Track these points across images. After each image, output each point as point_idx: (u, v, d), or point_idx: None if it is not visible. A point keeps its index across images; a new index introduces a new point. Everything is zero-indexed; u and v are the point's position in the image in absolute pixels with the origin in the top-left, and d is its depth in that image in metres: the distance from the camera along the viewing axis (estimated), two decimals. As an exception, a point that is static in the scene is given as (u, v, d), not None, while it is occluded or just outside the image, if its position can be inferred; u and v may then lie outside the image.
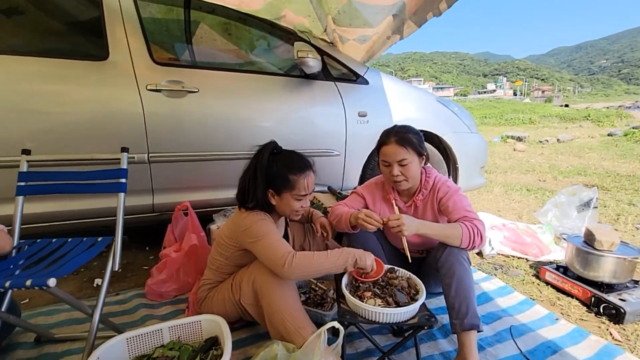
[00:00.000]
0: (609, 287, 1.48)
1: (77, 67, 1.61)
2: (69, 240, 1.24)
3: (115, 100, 1.64)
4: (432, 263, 1.29)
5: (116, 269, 1.18)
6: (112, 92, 1.64)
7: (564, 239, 1.69)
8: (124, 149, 1.30)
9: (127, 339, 1.05)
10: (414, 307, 1.02)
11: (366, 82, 2.14)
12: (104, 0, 1.64)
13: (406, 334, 1.18)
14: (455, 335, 1.14)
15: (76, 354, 1.20)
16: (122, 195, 1.25)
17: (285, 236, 1.40)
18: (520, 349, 1.21)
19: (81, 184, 1.27)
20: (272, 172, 1.16)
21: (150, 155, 1.71)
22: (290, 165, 1.17)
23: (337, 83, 2.07)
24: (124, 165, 1.28)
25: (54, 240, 1.24)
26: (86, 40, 1.76)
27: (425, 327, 1.03)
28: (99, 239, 1.23)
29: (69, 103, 1.58)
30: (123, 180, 1.26)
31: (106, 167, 1.30)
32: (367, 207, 1.49)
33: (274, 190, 1.18)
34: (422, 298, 1.06)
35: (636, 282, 1.53)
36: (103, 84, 1.63)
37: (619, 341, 1.27)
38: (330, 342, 1.01)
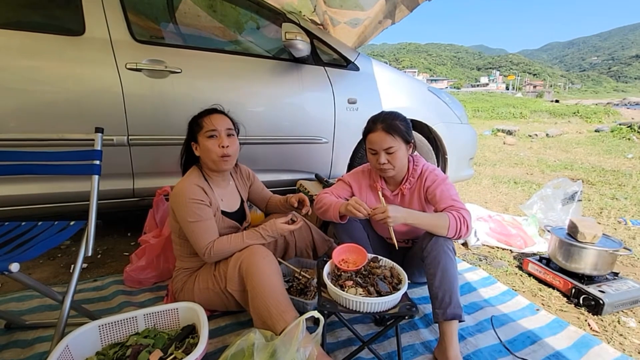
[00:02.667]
0: (590, 279, 1.50)
1: (51, 41, 1.51)
2: (39, 223, 1.18)
3: (92, 78, 1.55)
4: (417, 253, 1.28)
5: (89, 255, 1.13)
6: (89, 70, 1.55)
7: (548, 230, 1.70)
8: (98, 129, 1.23)
9: (99, 326, 1.02)
10: (395, 296, 1.00)
11: (357, 69, 2.09)
12: (79, -30, 1.54)
13: (387, 324, 1.17)
14: (437, 325, 1.14)
15: (47, 341, 1.16)
16: (95, 177, 1.19)
17: (241, 210, 1.40)
18: (500, 339, 1.21)
19: (52, 165, 1.20)
20: (190, 126, 1.26)
21: (130, 137, 1.64)
22: (200, 114, 1.26)
23: (326, 68, 2.01)
24: (98, 147, 1.22)
25: (23, 223, 1.18)
26: (60, 13, 1.66)
27: (406, 317, 1.02)
28: (71, 222, 1.18)
29: (42, 80, 1.49)
30: (97, 162, 1.20)
31: (81, 148, 1.24)
32: (353, 195, 1.47)
33: (194, 141, 1.25)
34: (404, 288, 1.05)
35: (616, 274, 1.56)
36: (79, 60, 1.53)
37: (597, 332, 1.29)
38: (312, 330, 1.00)
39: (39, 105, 1.48)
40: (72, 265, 1.70)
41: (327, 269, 1.14)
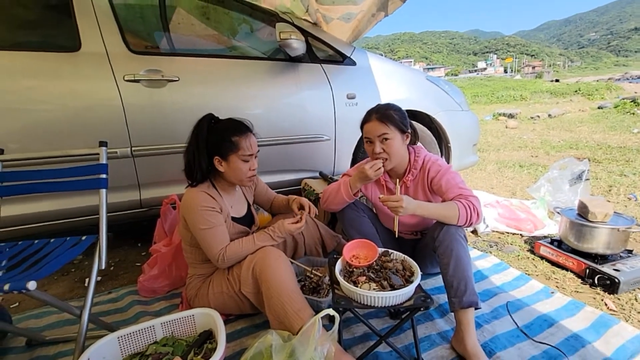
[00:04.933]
0: (603, 258, 1.49)
1: (48, 59, 1.52)
2: (52, 240, 1.19)
3: (91, 93, 1.56)
4: (428, 243, 1.28)
5: (102, 268, 1.14)
6: (88, 85, 1.56)
7: (558, 212, 1.68)
8: (102, 143, 1.24)
9: (118, 337, 1.03)
10: (409, 289, 1.00)
11: (353, 63, 2.08)
12: (72, -14, 1.54)
13: (402, 316, 1.17)
14: (453, 314, 1.14)
15: (69, 356, 1.17)
16: (103, 191, 1.20)
17: (249, 214, 1.40)
18: (517, 324, 1.21)
19: (59, 182, 1.21)
20: (215, 139, 1.20)
21: (133, 148, 1.65)
22: (231, 129, 1.21)
23: (323, 65, 2.00)
24: (104, 160, 1.23)
25: (36, 241, 1.20)
26: (55, 31, 1.66)
27: (422, 309, 1.02)
28: (83, 237, 1.19)
29: (42, 99, 1.50)
30: (103, 175, 1.21)
31: (87, 163, 1.25)
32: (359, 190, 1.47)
33: (220, 156, 1.21)
34: (417, 280, 1.04)
35: (630, 251, 1.54)
36: (77, 76, 1.55)
37: (614, 311, 1.28)
38: (328, 328, 1.00)
39: (41, 124, 1.50)
40: (87, 279, 1.72)
41: (338, 266, 1.14)
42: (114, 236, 2.31)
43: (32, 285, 0.86)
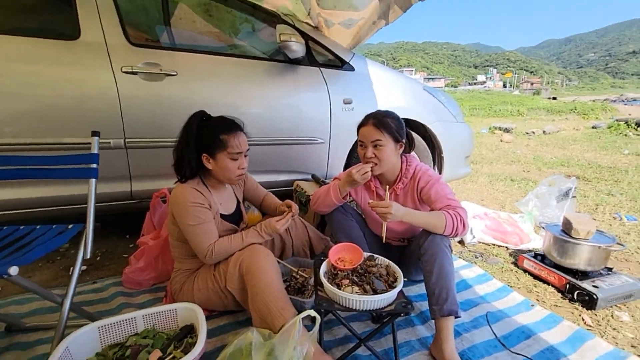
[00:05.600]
0: (584, 275, 1.52)
1: (47, 46, 1.52)
2: (38, 227, 1.19)
3: (88, 82, 1.56)
4: (414, 250, 1.30)
5: (87, 257, 1.14)
6: (85, 74, 1.56)
7: (543, 227, 1.71)
8: (95, 133, 1.25)
9: (99, 327, 1.03)
10: (391, 294, 1.02)
11: (352, 69, 2.10)
12: (73, -25, 1.55)
13: (384, 321, 1.19)
14: (433, 321, 1.15)
15: (48, 343, 1.17)
16: (93, 181, 1.20)
17: (238, 212, 1.41)
18: (495, 334, 1.23)
19: (49, 169, 1.21)
20: (204, 136, 1.19)
21: (126, 140, 1.65)
22: (220, 126, 1.21)
23: (322, 69, 2.03)
24: (95, 150, 1.23)
25: (21, 227, 1.19)
26: (55, 18, 1.66)
27: (402, 314, 1.03)
28: (70, 226, 1.19)
29: (39, 84, 1.50)
30: (94, 165, 1.21)
31: (79, 152, 1.25)
32: (349, 194, 1.48)
33: (208, 154, 1.20)
34: (399, 285, 1.06)
35: (610, 269, 1.57)
36: (74, 64, 1.55)
37: (590, 326, 1.31)
38: (310, 329, 1.01)
39: (36, 110, 1.49)
40: (72, 268, 1.72)
41: (323, 268, 1.16)
42: (103, 226, 2.27)
43: (13, 270, 0.86)
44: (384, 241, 1.25)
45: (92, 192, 1.20)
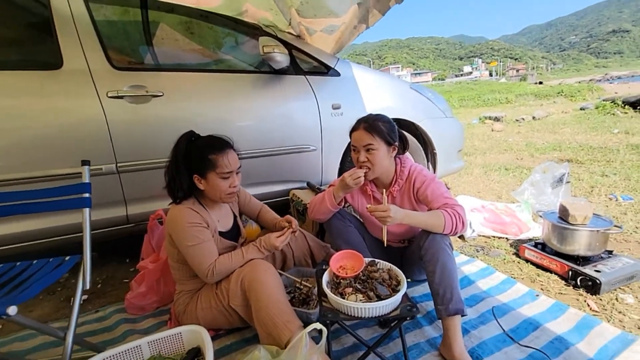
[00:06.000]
0: (585, 260, 1.53)
1: (30, 78, 1.51)
2: (34, 262, 1.17)
3: (75, 110, 1.56)
4: (415, 251, 1.30)
5: (87, 288, 1.13)
6: (71, 102, 1.55)
7: (540, 216, 1.72)
8: (85, 162, 1.24)
9: (104, 359, 1.01)
10: (395, 299, 1.01)
11: (337, 74, 2.11)
12: (52, 4, 1.54)
13: (391, 325, 1.18)
14: (441, 321, 1.15)
15: (53, 380, 1.15)
16: (87, 210, 1.19)
17: (236, 227, 1.40)
18: (503, 329, 1.23)
19: (41, 203, 1.20)
20: (193, 157, 1.18)
21: (118, 164, 1.64)
22: (209, 146, 1.20)
23: (307, 77, 2.03)
24: (86, 179, 1.22)
25: (17, 263, 1.18)
26: (37, 49, 1.66)
27: (408, 318, 1.03)
28: (67, 258, 1.18)
29: (24, 117, 1.48)
30: (86, 195, 1.20)
31: (71, 181, 1.24)
32: (345, 200, 1.48)
33: (199, 174, 1.20)
34: (403, 289, 1.06)
35: (610, 252, 1.58)
36: (60, 94, 1.54)
37: (596, 311, 1.31)
38: (317, 340, 1.00)
39: (22, 143, 1.48)
40: (72, 299, 1.70)
41: (325, 277, 1.15)
42: (102, 253, 2.27)
43: (12, 310, 0.85)
44: (385, 245, 1.25)
45: (86, 222, 1.19)
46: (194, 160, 1.18)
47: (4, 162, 1.46)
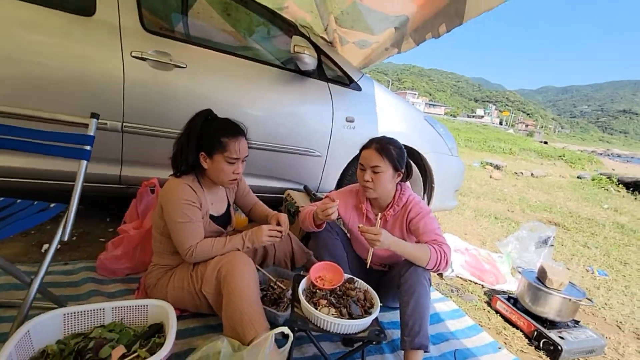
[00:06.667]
0: (552, 324, 1.56)
1: (60, 18, 1.50)
2: (18, 201, 1.16)
3: (95, 61, 1.55)
4: (394, 278, 1.31)
5: (65, 239, 1.11)
6: (93, 52, 1.54)
7: (519, 272, 1.76)
8: (94, 115, 1.23)
9: (64, 314, 1.00)
10: (366, 321, 1.03)
11: (359, 89, 2.14)
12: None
13: (355, 345, 1.19)
14: (402, 352, 1.16)
15: (7, 322, 1.12)
16: (84, 163, 1.18)
17: (227, 214, 1.40)
18: (460, 373, 1.25)
19: (41, 144, 1.18)
20: (206, 134, 1.19)
21: (124, 124, 1.63)
22: (223, 128, 1.21)
23: (330, 84, 2.05)
24: (92, 132, 1.21)
25: (1, 198, 1.16)
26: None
27: (374, 342, 1.04)
28: (52, 205, 1.16)
29: (46, 55, 1.47)
30: (88, 147, 1.19)
31: (74, 130, 1.22)
32: (338, 212, 1.49)
33: (206, 153, 1.20)
34: (375, 312, 1.07)
35: (577, 322, 1.62)
36: (85, 41, 1.53)
37: (552, 377, 1.34)
38: (280, 343, 1.00)
39: (37, 80, 1.46)
40: (45, 245, 1.67)
41: (303, 284, 1.15)
42: (84, 206, 2.24)
43: (-12, 245, 0.83)
44: (367, 266, 1.26)
45: (80, 174, 1.18)
46: (206, 138, 1.19)
47: (14, 93, 1.44)
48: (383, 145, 1.30)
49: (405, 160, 1.35)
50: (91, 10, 1.54)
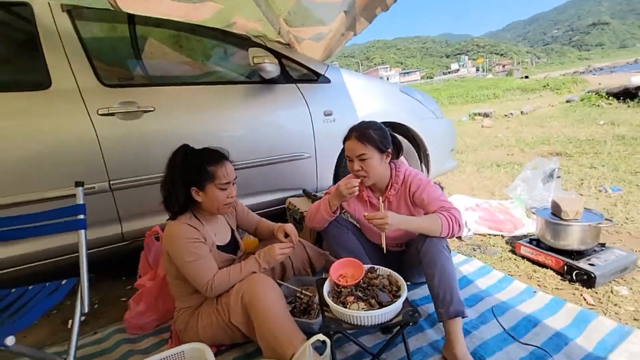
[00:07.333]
0: (579, 254, 1.56)
1: (18, 99, 1.50)
2: (30, 287, 1.16)
3: (66, 130, 1.54)
4: (413, 255, 1.30)
5: (86, 311, 1.12)
6: (61, 122, 1.54)
7: (533, 212, 1.75)
8: (79, 183, 1.22)
9: (106, 383, 1.00)
10: (396, 305, 1.02)
11: (328, 81, 2.13)
12: (38, 23, 1.53)
13: (394, 331, 1.19)
14: (442, 323, 1.16)
15: (54, 407, 1.12)
16: (82, 232, 1.18)
17: (233, 240, 1.40)
18: (503, 327, 1.25)
19: (35, 227, 1.18)
20: (190, 169, 1.19)
21: (111, 182, 1.63)
22: (205, 158, 1.21)
23: (298, 85, 2.04)
24: (80, 201, 1.21)
25: (13, 290, 1.16)
26: (24, 69, 1.64)
27: (410, 323, 1.04)
28: (63, 281, 1.16)
29: (15, 138, 1.47)
30: (81, 216, 1.19)
31: (64, 202, 1.22)
32: (342, 207, 1.49)
33: (197, 187, 1.20)
34: (404, 294, 1.07)
35: (602, 245, 1.62)
36: (49, 114, 1.53)
37: (592, 305, 1.34)
38: (321, 350, 1.01)
39: (12, 166, 1.46)
40: (69, 321, 1.67)
41: (326, 287, 1.15)
42: (97, 272, 2.24)
43: (10, 340, 0.84)
44: (384, 251, 1.25)
45: (82, 243, 1.18)
46: (192, 173, 1.19)
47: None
48: (362, 132, 1.29)
49: (389, 139, 1.34)
50: (47, 83, 1.53)
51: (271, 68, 1.76)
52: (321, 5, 1.69)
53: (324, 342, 1.00)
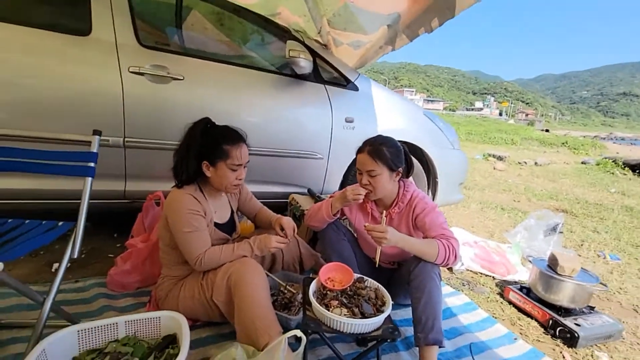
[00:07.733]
0: (567, 312, 1.54)
1: (57, 40, 1.53)
2: (27, 221, 1.17)
3: (94, 79, 1.57)
4: (404, 275, 1.30)
5: (75, 257, 1.12)
6: (92, 71, 1.57)
7: (530, 261, 1.74)
8: (96, 132, 1.24)
9: (78, 330, 1.00)
10: (379, 319, 1.02)
11: (356, 89, 2.14)
12: (91, -28, 1.56)
13: (369, 345, 1.18)
14: (418, 348, 1.15)
15: (22, 342, 1.13)
16: (89, 180, 1.19)
17: (232, 221, 1.41)
18: (477, 367, 1.23)
19: (46, 164, 1.20)
20: (206, 143, 1.20)
21: (126, 139, 1.65)
22: (224, 136, 1.22)
23: (327, 86, 2.06)
24: (95, 149, 1.22)
25: (9, 220, 1.17)
26: (68, 13, 1.67)
27: (388, 340, 1.03)
28: (60, 223, 1.17)
29: (44, 77, 1.49)
30: (92, 164, 1.20)
31: (77, 148, 1.24)
32: (343, 213, 1.50)
33: (209, 162, 1.21)
34: (387, 310, 1.07)
35: (592, 308, 1.60)
36: (82, 61, 1.55)
37: (571, 365, 1.32)
38: (294, 347, 1.00)
39: (37, 102, 1.48)
40: (55, 264, 1.69)
41: (313, 287, 1.15)
42: (91, 224, 2.26)
43: (-1, 266, 0.84)
44: (377, 265, 1.25)
45: (86, 191, 1.19)
46: (207, 147, 1.20)
47: (16, 116, 1.46)
48: (376, 148, 1.30)
49: (402, 158, 1.34)
50: (87, 30, 1.57)
51: (305, 64, 1.78)
52: (367, 13, 1.71)
53: (298, 340, 0.99)
